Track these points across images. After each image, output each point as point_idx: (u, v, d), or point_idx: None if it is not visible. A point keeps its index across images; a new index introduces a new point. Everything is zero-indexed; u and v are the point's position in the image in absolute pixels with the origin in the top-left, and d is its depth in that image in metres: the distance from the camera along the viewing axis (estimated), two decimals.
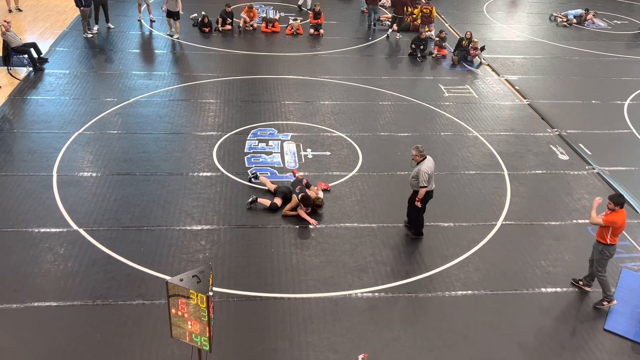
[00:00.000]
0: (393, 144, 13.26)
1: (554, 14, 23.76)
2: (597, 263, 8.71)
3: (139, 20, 19.86)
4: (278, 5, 23.26)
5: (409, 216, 10.25)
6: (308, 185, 10.89)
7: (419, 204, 9.79)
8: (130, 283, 8.74)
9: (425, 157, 9.69)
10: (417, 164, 9.68)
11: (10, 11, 20.07)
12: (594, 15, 23.45)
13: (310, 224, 10.34)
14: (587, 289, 9.06)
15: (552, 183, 12.16)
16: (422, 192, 9.63)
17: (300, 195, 10.39)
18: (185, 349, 7.31)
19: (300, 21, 20.60)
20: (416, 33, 19.48)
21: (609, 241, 8.51)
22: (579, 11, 23.40)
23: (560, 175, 12.49)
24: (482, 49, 18.66)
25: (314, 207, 10.59)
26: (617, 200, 8.46)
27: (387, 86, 16.37)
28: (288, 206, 10.52)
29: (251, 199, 10.67)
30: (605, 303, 8.80)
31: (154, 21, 20.26)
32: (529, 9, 25.25)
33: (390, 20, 21.79)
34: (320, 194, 10.93)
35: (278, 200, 10.64)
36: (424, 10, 20.32)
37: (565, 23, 23.12)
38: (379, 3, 23.40)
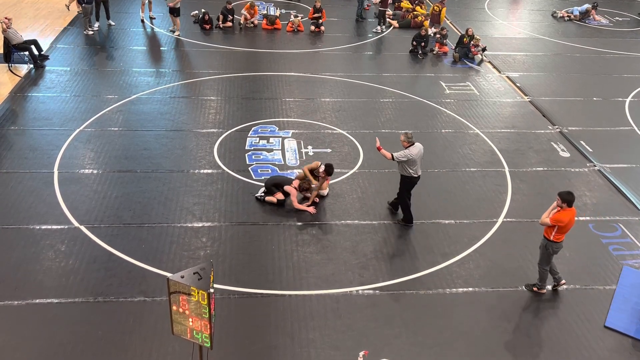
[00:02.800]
0: (394, 141, 13.22)
1: (557, 11, 23.67)
2: (540, 256, 8.73)
3: (142, 20, 19.86)
4: (279, 2, 23.23)
5: (400, 204, 10.50)
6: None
7: (378, 144, 10.05)
8: (131, 280, 8.75)
9: (413, 144, 9.92)
10: (405, 149, 9.98)
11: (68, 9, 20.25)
12: (595, 11, 23.41)
13: (309, 212, 10.51)
14: (562, 282, 9.06)
15: (553, 180, 12.15)
16: (387, 155, 9.86)
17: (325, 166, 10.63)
18: (186, 346, 7.32)
19: (301, 18, 20.58)
20: (417, 30, 19.46)
21: (552, 238, 8.45)
22: (585, 7, 23.33)
23: (561, 172, 12.48)
24: (484, 50, 18.62)
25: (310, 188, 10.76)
26: (565, 197, 8.31)
27: (388, 83, 16.35)
28: (298, 179, 10.82)
29: (261, 195, 10.73)
30: (535, 289, 8.94)
31: (154, 18, 20.25)
32: (530, 6, 25.21)
33: (391, 16, 21.81)
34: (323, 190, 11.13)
35: (280, 195, 10.65)
36: (435, 7, 20.46)
37: (567, 18, 23.07)
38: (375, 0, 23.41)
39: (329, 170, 10.71)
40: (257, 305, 8.48)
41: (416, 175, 10.05)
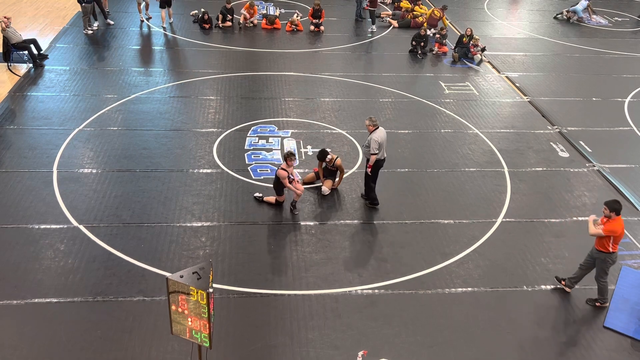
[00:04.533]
0: (393, 141, 13.24)
1: (564, 11, 23.50)
2: (600, 271, 8.60)
3: (141, 20, 19.87)
4: (279, 2, 23.21)
5: (365, 186, 10.88)
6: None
7: (369, 171, 10.45)
8: (131, 279, 8.75)
9: (378, 127, 10.40)
10: (370, 133, 10.33)
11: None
12: (591, 9, 23.37)
13: (298, 191, 10.46)
14: (568, 289, 9.02)
15: (552, 180, 12.16)
16: (373, 159, 10.30)
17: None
18: (185, 345, 7.33)
19: (300, 17, 20.56)
20: (416, 30, 19.48)
21: (610, 249, 8.38)
22: (586, 4, 23.25)
23: (560, 172, 12.49)
24: (483, 50, 18.64)
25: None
26: (613, 206, 8.28)
27: (388, 83, 16.35)
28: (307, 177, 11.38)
29: (259, 195, 10.77)
30: (597, 304, 8.82)
31: (151, 18, 20.25)
32: (530, 6, 25.21)
33: (390, 16, 21.84)
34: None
35: (280, 198, 10.64)
36: (436, 12, 20.53)
37: (573, 19, 23.01)
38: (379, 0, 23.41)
39: (319, 156, 11.01)
40: (257, 304, 8.49)
41: (382, 158, 10.50)
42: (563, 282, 9.08)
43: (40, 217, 9.96)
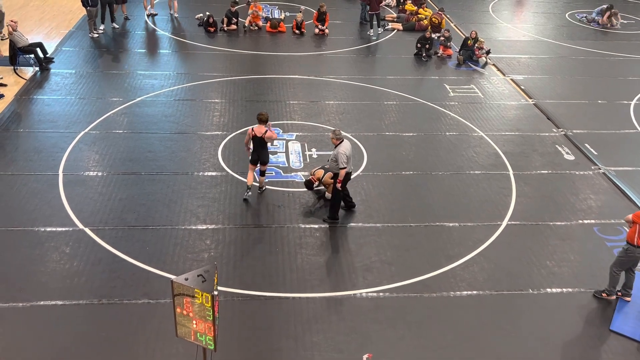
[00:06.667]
0: (398, 144, 13.25)
1: (585, 16, 23.33)
2: (617, 260, 8.62)
3: (148, 15, 20.05)
4: (283, 6, 23.25)
5: (331, 201, 10.51)
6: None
7: (339, 186, 10.16)
8: (136, 282, 8.77)
9: (343, 140, 10.15)
10: (335, 147, 10.11)
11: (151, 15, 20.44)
12: (607, 17, 23.13)
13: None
14: (627, 299, 8.90)
15: (557, 183, 12.13)
16: (342, 173, 10.01)
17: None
18: (190, 348, 7.32)
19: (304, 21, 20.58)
20: (421, 33, 19.47)
21: (636, 243, 8.31)
22: (599, 9, 23.10)
23: (566, 175, 12.46)
24: (488, 52, 18.61)
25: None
26: None
27: (392, 86, 16.35)
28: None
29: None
30: (604, 295, 8.81)
31: (156, 14, 20.33)
32: (535, 9, 25.18)
33: (395, 19, 21.85)
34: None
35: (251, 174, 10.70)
36: (434, 19, 20.56)
37: (591, 24, 22.90)
38: (383, 3, 23.42)
39: (307, 187, 10.97)
40: (261, 307, 8.49)
41: (350, 171, 10.29)
42: (619, 293, 8.86)
43: (45, 220, 10.00)
